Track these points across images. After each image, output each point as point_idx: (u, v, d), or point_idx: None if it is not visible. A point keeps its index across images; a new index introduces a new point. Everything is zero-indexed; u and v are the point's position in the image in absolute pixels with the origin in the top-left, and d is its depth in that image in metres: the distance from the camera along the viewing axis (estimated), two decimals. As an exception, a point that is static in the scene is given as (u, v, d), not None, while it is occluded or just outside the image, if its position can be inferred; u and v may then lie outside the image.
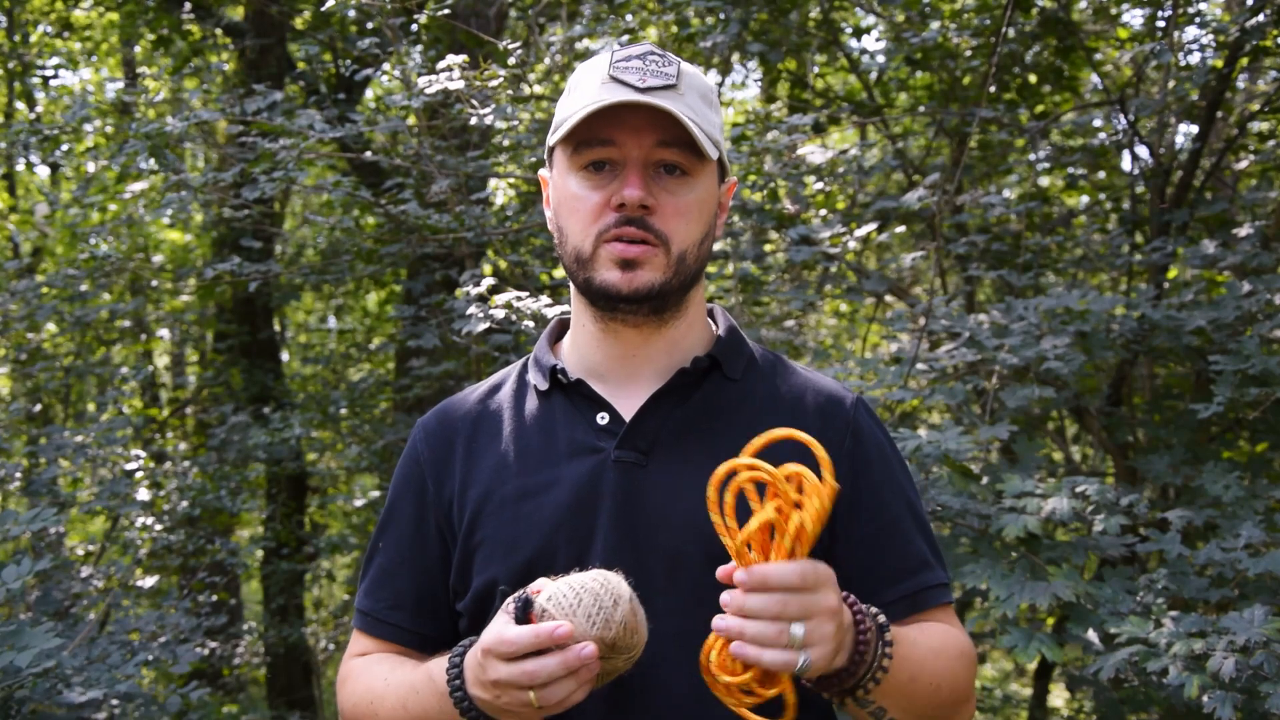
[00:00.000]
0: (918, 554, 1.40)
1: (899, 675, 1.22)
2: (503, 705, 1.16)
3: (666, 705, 1.29)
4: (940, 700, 1.29)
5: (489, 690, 1.16)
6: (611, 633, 1.12)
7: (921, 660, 1.26)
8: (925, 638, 1.30)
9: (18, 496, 5.41)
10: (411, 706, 1.29)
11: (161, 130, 3.70)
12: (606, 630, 1.12)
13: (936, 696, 1.28)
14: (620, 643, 1.13)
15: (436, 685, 1.25)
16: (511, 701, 1.14)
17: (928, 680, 1.27)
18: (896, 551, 1.38)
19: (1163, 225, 3.94)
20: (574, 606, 1.13)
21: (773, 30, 4.98)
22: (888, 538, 1.37)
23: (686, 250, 1.35)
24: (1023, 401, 3.06)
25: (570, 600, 1.13)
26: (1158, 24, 4.41)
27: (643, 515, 1.31)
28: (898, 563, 1.37)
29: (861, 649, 1.17)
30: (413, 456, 1.47)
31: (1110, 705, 3.28)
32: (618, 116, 1.32)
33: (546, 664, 1.10)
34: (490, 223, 3.84)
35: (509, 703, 1.15)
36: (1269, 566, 2.35)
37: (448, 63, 3.20)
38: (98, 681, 2.66)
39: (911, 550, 1.39)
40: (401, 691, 1.32)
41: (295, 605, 7.12)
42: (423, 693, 1.27)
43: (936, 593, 1.39)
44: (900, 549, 1.38)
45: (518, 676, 1.11)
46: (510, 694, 1.13)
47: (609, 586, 1.15)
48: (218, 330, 7.37)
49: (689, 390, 1.40)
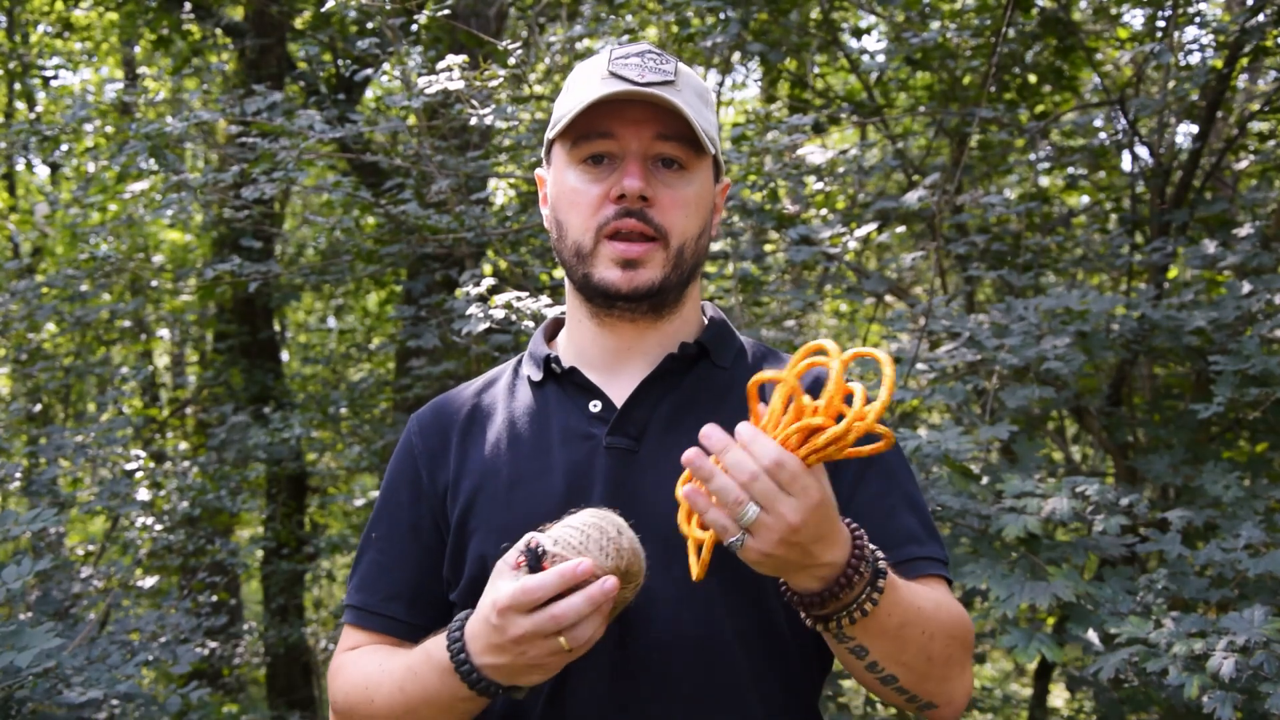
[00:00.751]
0: (904, 528, 1.36)
1: (886, 619, 1.18)
2: (529, 660, 1.14)
3: (665, 681, 1.29)
4: (931, 656, 1.25)
5: (509, 651, 1.14)
6: (624, 561, 1.14)
7: (916, 610, 1.22)
8: (924, 592, 1.27)
9: (18, 496, 5.42)
10: (410, 689, 1.27)
11: (161, 130, 3.70)
12: (620, 560, 1.14)
13: (927, 650, 1.24)
14: (631, 569, 1.15)
15: (437, 662, 1.22)
16: (539, 653, 1.13)
17: (918, 631, 1.22)
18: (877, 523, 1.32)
19: (1163, 225, 3.94)
20: (584, 543, 1.13)
21: (773, 30, 4.98)
22: (868, 510, 1.33)
23: (685, 244, 1.36)
24: (1023, 401, 3.06)
25: (578, 539, 1.14)
26: (1158, 24, 4.41)
27: (635, 500, 1.31)
28: (892, 535, 1.34)
29: (843, 579, 1.13)
30: (407, 449, 1.47)
31: (1110, 705, 3.28)
32: (617, 110, 1.33)
33: (573, 603, 1.10)
34: (490, 223, 3.84)
35: (536, 655, 1.13)
36: (1269, 567, 2.35)
37: (448, 63, 3.20)
38: (98, 681, 2.65)
39: (895, 524, 1.36)
40: (398, 675, 1.30)
41: (295, 605, 7.13)
42: (421, 673, 1.26)
43: (925, 564, 1.35)
44: (882, 522, 1.34)
45: (545, 623, 1.10)
46: (537, 645, 1.12)
47: (607, 518, 1.16)
48: (218, 330, 7.37)
49: (679, 377, 1.41)
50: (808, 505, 1.08)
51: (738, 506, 1.07)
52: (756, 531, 1.08)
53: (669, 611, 1.29)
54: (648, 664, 1.29)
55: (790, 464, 1.07)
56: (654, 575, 1.27)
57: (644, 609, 1.27)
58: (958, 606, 1.33)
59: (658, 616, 1.29)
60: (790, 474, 1.07)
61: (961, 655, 1.31)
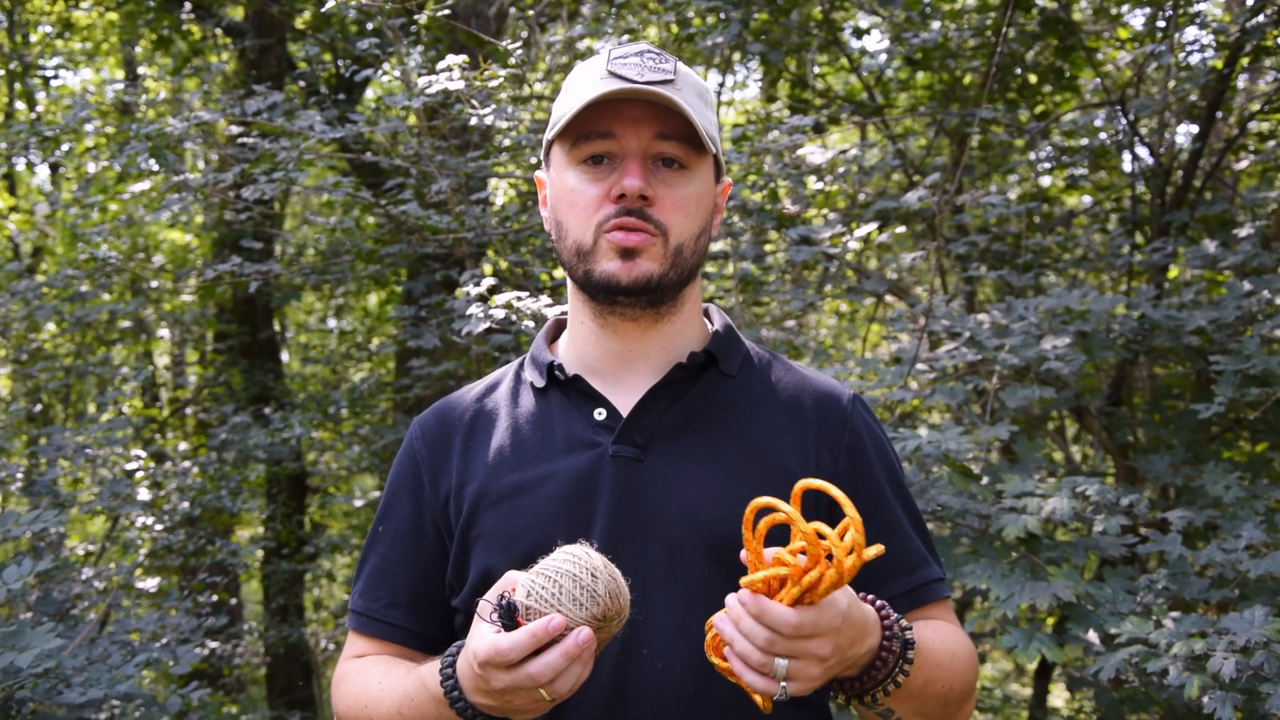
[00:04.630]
0: (917, 550, 1.41)
1: (913, 682, 1.23)
2: (516, 707, 1.16)
3: (667, 694, 1.29)
4: (948, 700, 1.31)
5: (494, 697, 1.15)
6: (600, 608, 1.12)
7: (937, 666, 1.28)
8: (940, 643, 1.31)
9: (18, 497, 5.41)
10: (408, 713, 1.28)
11: (162, 131, 3.70)
12: (595, 607, 1.12)
13: (946, 697, 1.30)
14: (609, 613, 1.13)
15: (432, 693, 1.24)
16: (524, 702, 1.14)
17: (940, 685, 1.28)
18: (896, 547, 1.38)
19: (1163, 225, 3.94)
20: (557, 595, 1.11)
21: (773, 30, 4.98)
22: (887, 535, 1.37)
23: (684, 243, 1.35)
24: (1023, 401, 3.06)
25: (551, 590, 1.12)
26: (1158, 24, 4.41)
27: (640, 509, 1.31)
28: (899, 558, 1.38)
29: (879, 664, 1.18)
30: (409, 454, 1.47)
31: (1110, 705, 3.28)
32: (616, 109, 1.33)
33: (549, 661, 1.10)
34: (490, 223, 3.84)
35: (522, 704, 1.15)
36: (1270, 567, 2.34)
37: (448, 63, 3.20)
38: (98, 682, 2.65)
39: (911, 546, 1.41)
40: (395, 697, 1.31)
41: (295, 605, 7.13)
42: (418, 699, 1.27)
43: (936, 588, 1.41)
44: (900, 545, 1.39)
45: (523, 680, 1.11)
46: (520, 696, 1.13)
47: (581, 562, 1.13)
48: (218, 330, 7.37)
49: (686, 385, 1.40)
50: (834, 638, 1.11)
51: (765, 666, 1.10)
52: (794, 676, 1.11)
53: (673, 620, 1.29)
54: (653, 671, 1.29)
55: (805, 619, 1.09)
56: (656, 586, 1.27)
57: (644, 624, 1.28)
58: (965, 642, 1.38)
59: (662, 626, 1.29)
60: (811, 625, 1.10)
61: (970, 691, 1.37)
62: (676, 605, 1.28)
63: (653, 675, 1.29)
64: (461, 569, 1.38)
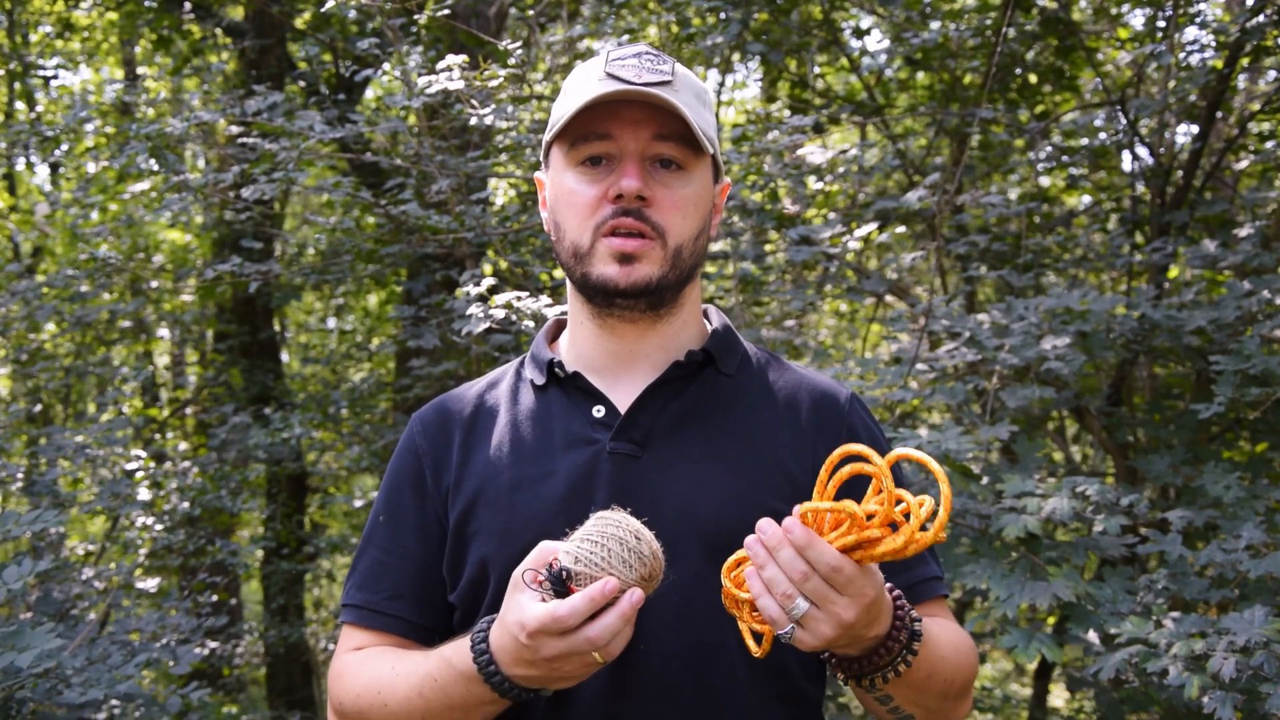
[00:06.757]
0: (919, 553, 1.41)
1: (915, 673, 1.23)
2: (565, 674, 1.15)
3: (664, 689, 1.29)
4: (947, 695, 1.31)
5: (541, 667, 1.14)
6: (647, 568, 1.13)
7: (940, 659, 1.28)
8: (944, 637, 1.31)
9: (18, 497, 5.41)
10: (430, 694, 1.26)
11: (162, 131, 3.70)
12: (643, 567, 1.13)
13: (946, 691, 1.31)
14: (654, 572, 1.15)
15: (460, 671, 1.22)
16: (574, 668, 1.14)
17: (941, 679, 1.29)
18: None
19: (1163, 225, 3.94)
20: (607, 559, 1.12)
21: (773, 30, 4.98)
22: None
23: (683, 244, 1.36)
24: (1023, 401, 3.06)
25: (600, 554, 1.13)
26: (1158, 24, 4.41)
27: (638, 506, 1.31)
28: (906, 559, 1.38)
29: (884, 650, 1.18)
30: (410, 448, 1.47)
31: (1110, 705, 3.28)
32: (614, 111, 1.33)
33: (608, 623, 1.10)
34: (490, 223, 3.84)
35: (572, 670, 1.15)
36: (1270, 568, 2.34)
37: (448, 63, 3.20)
38: (98, 682, 2.65)
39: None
40: (414, 680, 1.29)
41: (295, 605, 7.13)
42: (442, 679, 1.25)
43: (933, 585, 1.42)
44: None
45: (580, 645, 1.11)
46: (571, 661, 1.13)
47: (625, 526, 1.15)
48: (218, 330, 7.37)
49: (684, 384, 1.41)
50: (862, 604, 1.11)
51: (788, 600, 1.09)
52: (807, 625, 1.10)
53: (670, 616, 1.29)
54: (649, 667, 1.29)
55: (847, 568, 1.09)
56: None
57: (645, 614, 1.27)
58: (966, 639, 1.38)
59: (659, 621, 1.29)
60: (847, 577, 1.09)
61: (969, 687, 1.37)
62: (673, 601, 1.28)
63: (650, 671, 1.29)
64: (457, 563, 1.38)
